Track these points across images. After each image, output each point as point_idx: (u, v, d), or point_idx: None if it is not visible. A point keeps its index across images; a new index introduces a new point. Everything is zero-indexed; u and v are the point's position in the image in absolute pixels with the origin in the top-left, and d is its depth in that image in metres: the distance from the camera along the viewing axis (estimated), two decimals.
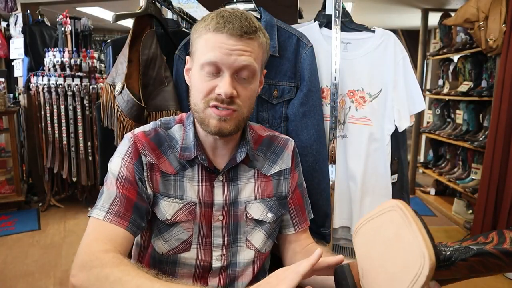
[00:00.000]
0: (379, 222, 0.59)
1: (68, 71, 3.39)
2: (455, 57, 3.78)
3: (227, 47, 0.76)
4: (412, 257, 0.50)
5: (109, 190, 0.81)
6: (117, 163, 0.83)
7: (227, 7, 1.24)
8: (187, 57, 0.88)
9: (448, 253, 0.54)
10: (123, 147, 0.85)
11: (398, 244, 0.54)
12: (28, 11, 3.85)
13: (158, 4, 1.31)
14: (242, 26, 0.77)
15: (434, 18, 4.05)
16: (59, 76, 3.33)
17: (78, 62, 3.41)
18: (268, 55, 0.87)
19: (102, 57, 3.60)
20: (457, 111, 3.52)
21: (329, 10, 1.34)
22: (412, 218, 0.53)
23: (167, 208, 0.85)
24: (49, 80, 3.32)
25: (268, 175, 0.93)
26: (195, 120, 0.87)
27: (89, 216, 0.79)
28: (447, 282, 0.58)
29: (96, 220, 0.78)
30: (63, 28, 3.70)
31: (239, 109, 0.81)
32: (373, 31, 1.34)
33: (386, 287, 0.54)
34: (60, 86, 3.32)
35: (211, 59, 0.77)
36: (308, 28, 1.34)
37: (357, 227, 0.64)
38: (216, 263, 0.89)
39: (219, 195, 0.88)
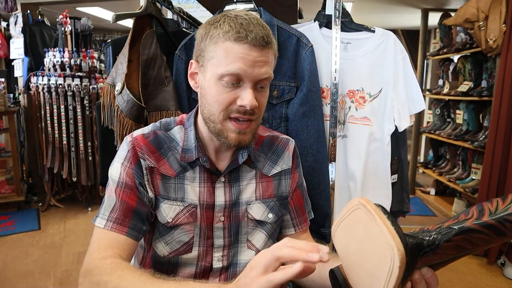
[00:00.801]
0: (348, 222, 0.59)
1: (68, 71, 3.39)
2: (455, 57, 3.78)
3: (250, 58, 0.75)
4: (383, 251, 0.50)
5: (110, 197, 0.82)
6: (116, 169, 0.83)
7: (227, 7, 1.24)
8: (192, 61, 0.84)
9: (431, 237, 0.54)
10: (122, 151, 0.85)
11: (369, 241, 0.54)
12: (28, 11, 3.85)
13: (158, 4, 1.31)
14: (263, 36, 0.75)
15: (434, 18, 4.05)
16: (59, 76, 3.33)
17: (78, 62, 3.41)
18: None
19: (102, 57, 3.61)
20: (457, 111, 3.52)
21: (329, 10, 1.34)
22: (375, 212, 0.53)
23: (167, 211, 0.85)
24: (49, 80, 3.33)
25: (269, 175, 0.93)
26: (199, 123, 0.87)
27: (93, 223, 0.81)
28: (439, 266, 0.58)
29: (99, 229, 0.79)
30: (63, 28, 3.70)
31: (257, 118, 0.82)
32: (373, 31, 1.35)
33: (368, 285, 0.54)
34: (60, 86, 3.32)
35: (234, 71, 0.75)
36: (308, 28, 1.34)
37: (333, 231, 0.64)
38: (217, 264, 0.89)
39: (220, 196, 0.88)
